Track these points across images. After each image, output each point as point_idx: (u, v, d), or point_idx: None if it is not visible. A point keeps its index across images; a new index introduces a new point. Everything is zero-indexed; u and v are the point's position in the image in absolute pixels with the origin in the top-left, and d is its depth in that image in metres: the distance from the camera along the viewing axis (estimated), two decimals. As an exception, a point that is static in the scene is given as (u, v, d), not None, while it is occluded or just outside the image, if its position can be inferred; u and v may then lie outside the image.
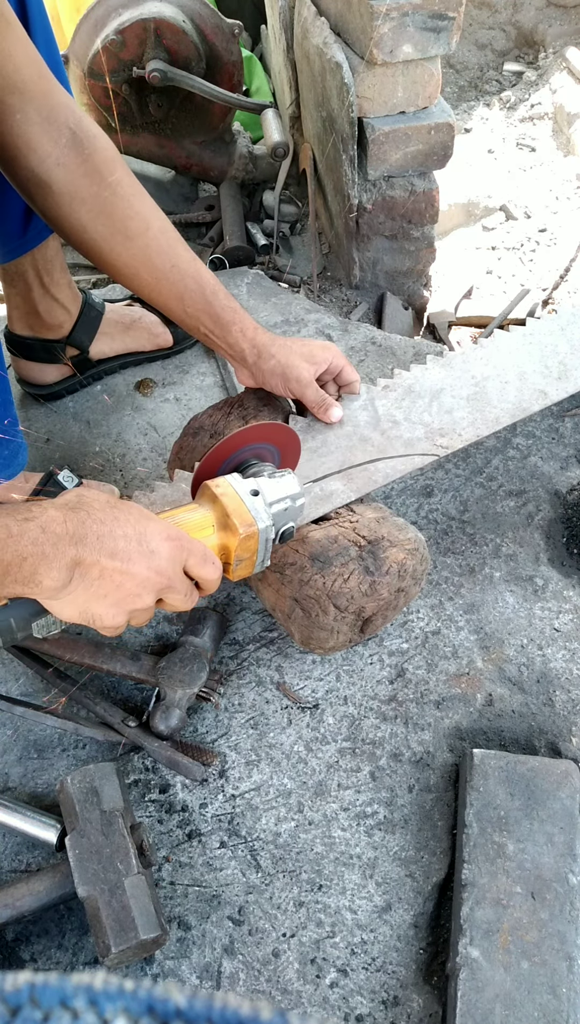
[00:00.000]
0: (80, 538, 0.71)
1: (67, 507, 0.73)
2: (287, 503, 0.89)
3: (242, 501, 0.85)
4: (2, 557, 0.68)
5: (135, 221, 1.02)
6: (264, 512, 0.86)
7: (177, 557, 0.77)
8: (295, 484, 0.90)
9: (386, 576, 0.99)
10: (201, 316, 1.06)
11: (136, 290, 1.08)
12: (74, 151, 0.99)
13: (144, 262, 1.03)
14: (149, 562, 0.75)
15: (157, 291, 1.06)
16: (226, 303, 1.06)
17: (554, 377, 1.23)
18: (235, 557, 0.86)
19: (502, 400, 1.20)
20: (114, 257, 1.04)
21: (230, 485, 0.86)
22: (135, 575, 0.74)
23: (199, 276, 1.05)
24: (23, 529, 0.69)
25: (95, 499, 0.75)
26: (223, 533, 0.85)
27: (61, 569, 0.70)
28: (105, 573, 0.73)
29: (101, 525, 0.73)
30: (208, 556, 0.81)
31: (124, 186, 1.02)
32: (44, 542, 0.69)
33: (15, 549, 0.68)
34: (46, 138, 0.97)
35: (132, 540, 0.74)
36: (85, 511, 0.73)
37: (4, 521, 0.69)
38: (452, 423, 1.16)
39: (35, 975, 0.23)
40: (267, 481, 0.88)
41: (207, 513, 0.86)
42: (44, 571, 0.70)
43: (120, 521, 0.74)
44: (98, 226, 1.01)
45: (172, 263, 1.04)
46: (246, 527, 0.84)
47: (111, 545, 0.73)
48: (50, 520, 0.71)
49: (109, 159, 1.01)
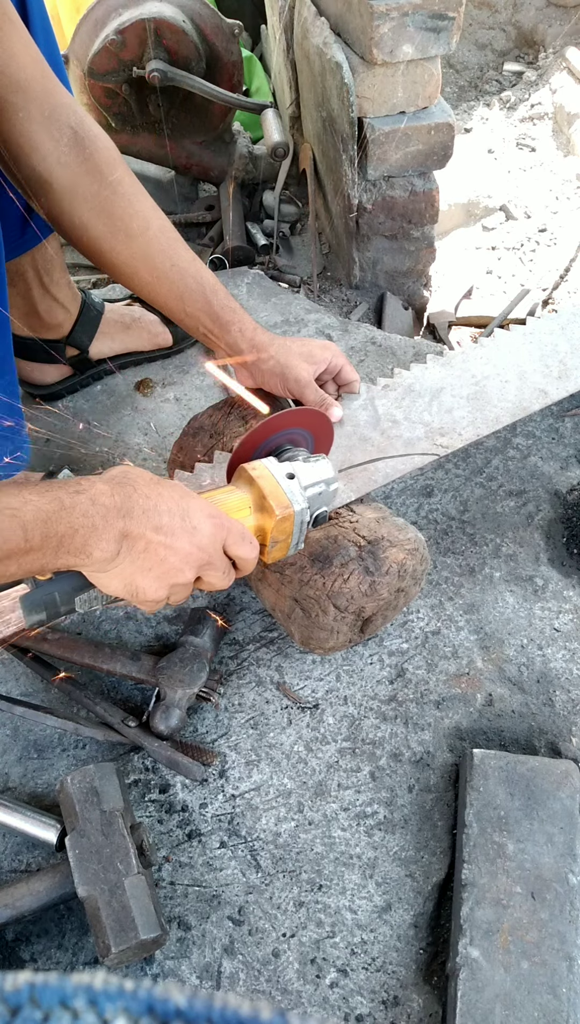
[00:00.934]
0: (127, 511, 0.74)
1: (114, 481, 0.75)
2: (322, 487, 0.90)
3: (278, 484, 0.87)
4: (56, 529, 0.70)
5: (135, 220, 1.02)
6: (300, 495, 0.87)
7: (217, 535, 0.79)
8: (330, 468, 0.92)
9: (386, 576, 0.99)
10: (200, 315, 1.06)
11: (136, 289, 1.08)
12: (75, 150, 0.99)
13: (144, 261, 1.03)
14: (191, 538, 0.77)
15: (157, 290, 1.06)
16: (226, 303, 1.07)
17: (554, 376, 1.23)
18: (271, 539, 0.88)
19: (502, 399, 1.20)
20: (114, 256, 1.04)
21: (266, 468, 0.88)
22: (178, 549, 0.76)
23: (199, 275, 1.05)
24: (75, 501, 0.71)
25: (140, 475, 0.78)
26: (260, 515, 0.87)
27: (110, 541, 0.73)
28: (150, 547, 0.75)
29: (147, 500, 0.75)
30: (246, 536, 0.83)
31: (125, 185, 1.02)
32: (94, 514, 0.71)
33: (68, 521, 0.70)
34: (48, 137, 0.98)
35: (176, 516, 0.76)
36: (131, 486, 0.75)
37: (56, 494, 0.71)
38: (452, 422, 1.16)
39: (35, 975, 0.23)
40: (302, 465, 0.90)
41: (244, 495, 0.88)
42: (94, 542, 0.72)
43: (164, 497, 0.77)
44: (99, 225, 1.02)
45: (172, 262, 1.04)
46: (282, 509, 0.86)
47: (156, 520, 0.75)
48: (99, 493, 0.73)
49: (110, 158, 1.02)
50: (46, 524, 0.69)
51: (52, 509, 0.70)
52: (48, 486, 0.72)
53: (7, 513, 0.68)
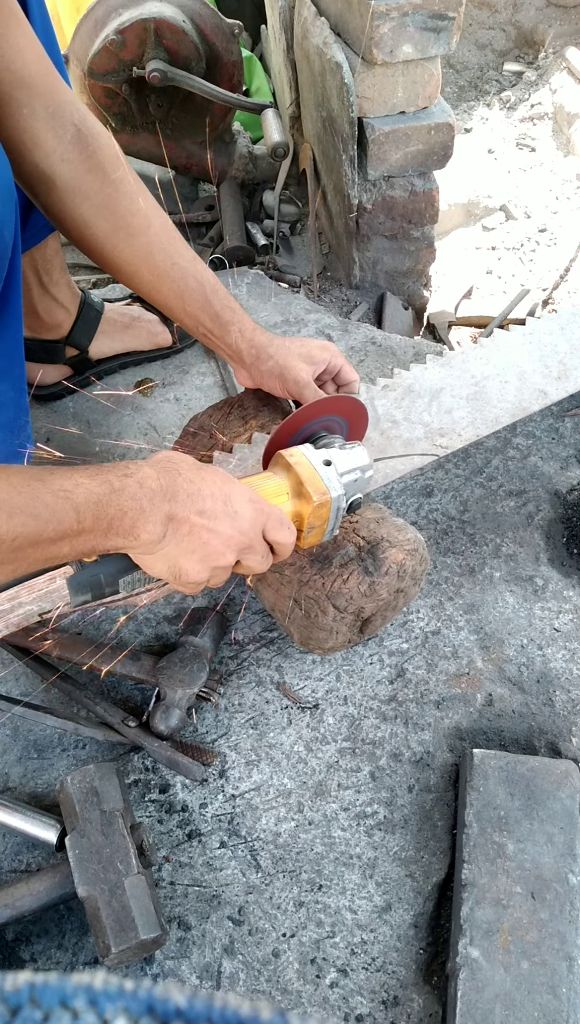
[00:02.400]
0: (173, 494, 0.76)
1: (159, 465, 0.77)
2: (357, 474, 0.92)
3: (316, 470, 0.88)
4: (106, 511, 0.72)
5: (137, 218, 1.02)
6: (337, 481, 0.89)
7: (258, 520, 0.81)
8: (365, 456, 0.93)
9: (385, 577, 0.99)
10: (200, 315, 1.06)
11: (137, 288, 1.08)
12: (78, 147, 0.99)
13: (145, 259, 1.04)
14: (233, 522, 0.79)
15: (157, 289, 1.06)
16: (225, 302, 1.07)
17: (554, 377, 1.23)
18: (307, 525, 0.89)
19: (502, 400, 1.20)
20: (116, 254, 1.04)
21: (304, 455, 0.90)
22: (221, 533, 0.78)
23: (199, 275, 1.05)
24: (124, 484, 0.73)
25: (183, 460, 0.80)
26: (297, 501, 0.88)
27: (157, 523, 0.74)
28: (194, 530, 0.77)
29: (190, 484, 0.77)
30: (285, 521, 0.85)
31: (127, 183, 1.02)
32: (142, 497, 0.73)
33: (118, 503, 0.72)
34: (51, 134, 0.98)
35: (218, 500, 0.78)
36: (176, 470, 0.78)
37: (106, 477, 0.73)
38: (452, 423, 1.16)
39: (35, 975, 0.23)
40: (338, 452, 0.92)
41: (282, 481, 0.89)
42: (142, 524, 0.74)
43: (207, 482, 0.79)
44: (100, 222, 1.02)
45: (173, 261, 1.04)
46: (320, 495, 0.87)
47: (200, 504, 0.77)
48: (146, 476, 0.75)
49: (112, 156, 1.02)
50: (97, 506, 0.71)
51: (103, 492, 0.72)
52: (98, 469, 0.74)
53: (61, 495, 0.70)
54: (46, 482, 0.70)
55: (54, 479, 0.70)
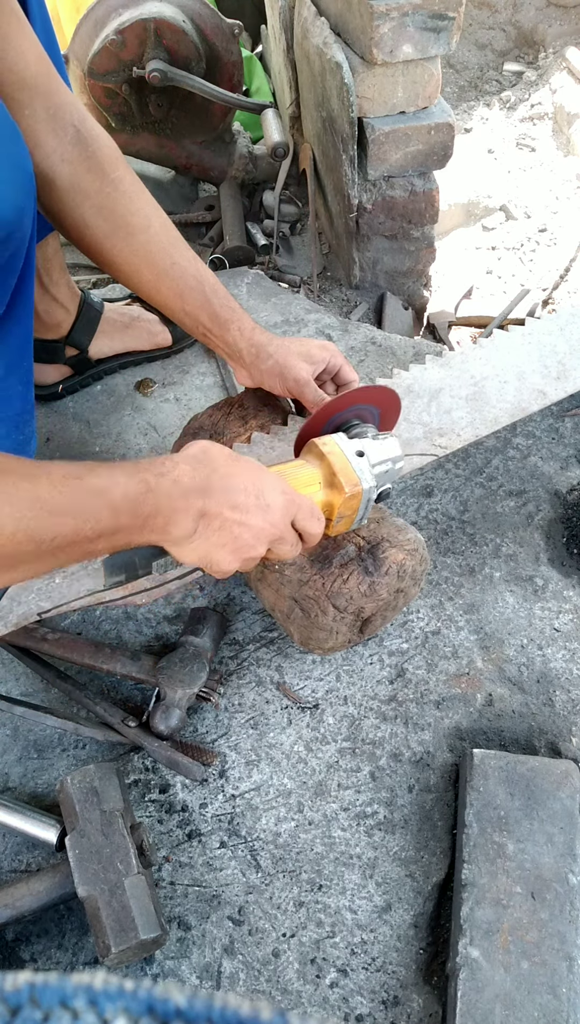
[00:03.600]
0: (206, 491, 0.77)
1: (195, 460, 0.79)
2: (388, 465, 0.93)
3: (348, 461, 0.89)
4: (142, 510, 0.73)
5: (137, 218, 1.03)
6: (369, 473, 0.90)
7: (289, 511, 0.83)
8: (397, 447, 0.94)
9: (385, 577, 0.99)
10: (200, 314, 1.06)
11: (136, 288, 1.08)
12: (78, 148, 1.00)
13: (145, 259, 1.04)
14: (265, 515, 0.80)
15: (157, 289, 1.06)
16: (225, 302, 1.07)
17: (553, 377, 1.23)
18: (337, 514, 0.90)
19: (501, 400, 1.20)
20: (115, 254, 1.04)
21: (337, 444, 0.91)
22: (252, 526, 0.80)
23: (199, 274, 1.05)
24: (159, 483, 0.74)
25: (218, 453, 0.81)
26: (329, 491, 0.90)
27: (189, 520, 0.76)
28: (226, 524, 0.78)
29: (224, 479, 0.78)
30: (314, 512, 0.86)
31: (126, 183, 1.03)
32: (176, 495, 0.75)
33: (153, 502, 0.74)
34: (51, 135, 0.99)
35: (250, 494, 0.79)
36: (210, 465, 0.79)
37: (144, 476, 0.74)
38: (451, 423, 1.16)
39: (35, 975, 0.23)
40: (371, 443, 0.93)
41: (314, 471, 0.90)
42: (175, 522, 0.76)
43: (240, 475, 0.80)
44: (100, 222, 1.02)
45: (172, 260, 1.04)
46: (352, 487, 0.88)
47: (233, 498, 0.78)
48: (181, 474, 0.76)
49: (112, 156, 1.02)
50: (134, 504, 0.72)
51: (140, 491, 0.73)
52: (135, 467, 0.75)
53: (100, 494, 0.71)
54: (84, 480, 0.71)
55: (92, 478, 0.72)
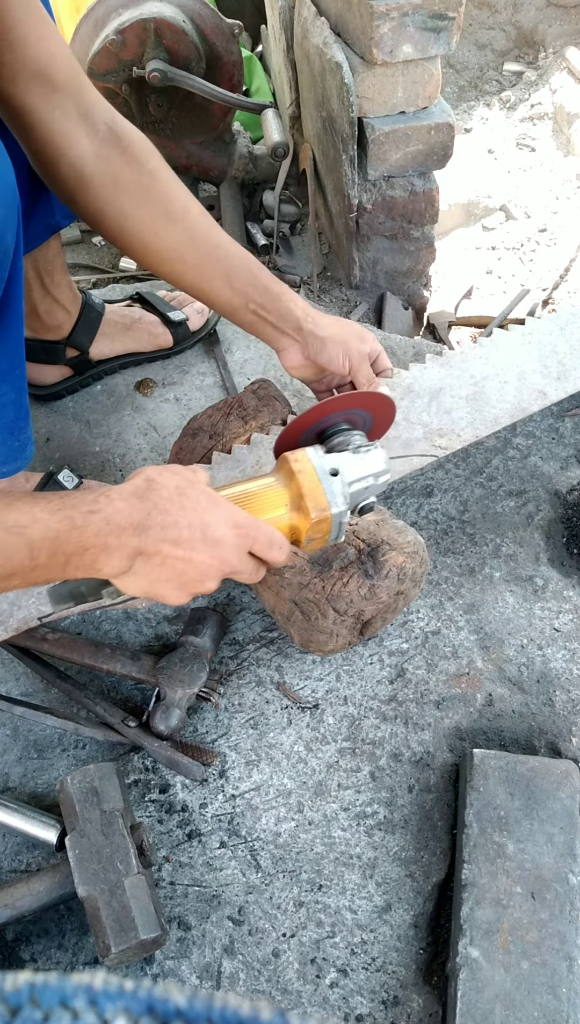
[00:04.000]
0: (144, 528, 0.73)
1: (135, 496, 0.75)
2: (370, 480, 0.86)
3: (319, 482, 0.83)
4: (64, 548, 0.70)
5: (176, 204, 1.03)
6: (340, 495, 0.83)
7: (241, 544, 0.79)
8: (381, 460, 0.87)
9: (385, 580, 0.99)
10: (249, 290, 1.04)
11: (179, 275, 1.07)
12: (113, 144, 1.00)
13: (188, 243, 1.04)
14: (212, 551, 0.76)
15: (201, 272, 1.05)
16: (271, 277, 1.06)
17: (553, 377, 1.23)
18: (306, 537, 0.85)
19: (501, 400, 1.20)
20: (158, 241, 1.04)
21: (310, 461, 0.84)
22: (197, 564, 0.76)
23: (242, 253, 1.05)
24: (87, 521, 0.71)
25: (164, 485, 0.76)
26: (296, 514, 0.84)
27: (121, 559, 0.73)
28: (167, 561, 0.75)
29: (166, 515, 0.74)
30: (274, 541, 0.81)
31: (163, 173, 1.03)
32: (107, 534, 0.71)
33: (78, 540, 0.70)
34: (85, 134, 0.99)
35: (196, 529, 0.75)
36: (152, 500, 0.75)
37: (68, 513, 0.70)
38: (451, 423, 1.16)
39: (35, 975, 0.23)
40: (350, 458, 0.86)
41: (281, 491, 0.84)
42: (104, 560, 0.72)
43: (186, 510, 0.76)
44: (141, 212, 1.02)
45: (216, 242, 1.04)
46: (319, 512, 0.82)
47: (174, 535, 0.74)
48: (115, 512, 0.72)
49: (146, 149, 1.03)
50: (55, 543, 0.69)
51: (62, 528, 0.69)
52: (61, 502, 0.71)
53: (14, 531, 0.68)
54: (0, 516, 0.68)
55: (9, 513, 0.68)
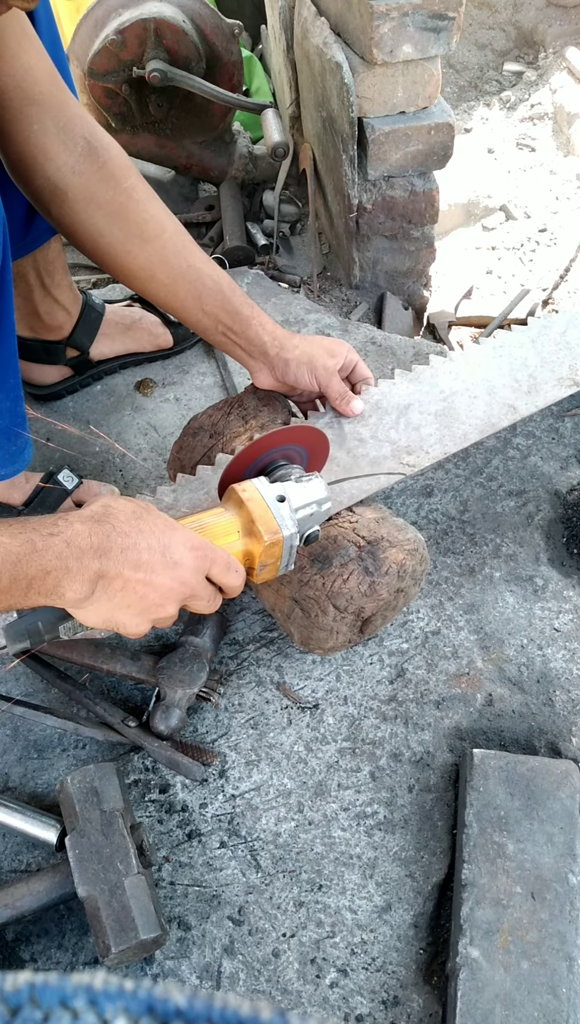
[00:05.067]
0: (104, 551, 0.73)
1: (93, 520, 0.74)
2: (313, 508, 0.90)
3: (268, 507, 0.85)
4: (26, 571, 0.69)
5: (151, 224, 1.03)
6: (289, 519, 0.86)
7: (200, 567, 0.79)
8: (322, 489, 0.91)
9: (385, 576, 0.99)
10: (219, 313, 1.06)
11: (152, 293, 1.08)
12: (90, 159, 1.01)
13: (161, 263, 1.04)
14: (172, 573, 0.76)
15: (173, 292, 1.06)
16: (243, 299, 1.07)
17: (523, 391, 1.20)
18: (259, 563, 0.87)
19: (471, 416, 1.17)
20: (130, 260, 1.04)
21: (257, 490, 0.87)
22: (158, 586, 0.76)
23: (215, 274, 1.06)
24: (48, 544, 0.70)
25: (120, 510, 0.76)
26: (248, 539, 0.86)
27: (84, 582, 0.72)
28: (128, 585, 0.75)
29: (125, 538, 0.74)
30: (231, 564, 0.82)
31: (139, 191, 1.04)
32: (68, 556, 0.71)
33: (39, 563, 0.70)
34: (62, 148, 0.99)
35: (156, 552, 0.75)
36: (111, 524, 0.75)
37: (29, 536, 0.70)
38: (419, 440, 1.13)
39: (35, 975, 0.23)
40: (294, 486, 0.89)
41: (233, 518, 0.87)
42: (67, 584, 0.72)
43: (144, 533, 0.76)
44: (115, 230, 1.03)
45: (188, 263, 1.05)
46: (271, 535, 0.85)
47: (135, 557, 0.74)
48: (75, 535, 0.72)
49: (123, 166, 1.03)
50: (16, 567, 0.69)
51: (23, 552, 0.69)
52: (22, 526, 0.71)
53: None
54: None
55: None
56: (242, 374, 1.54)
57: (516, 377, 1.23)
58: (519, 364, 1.25)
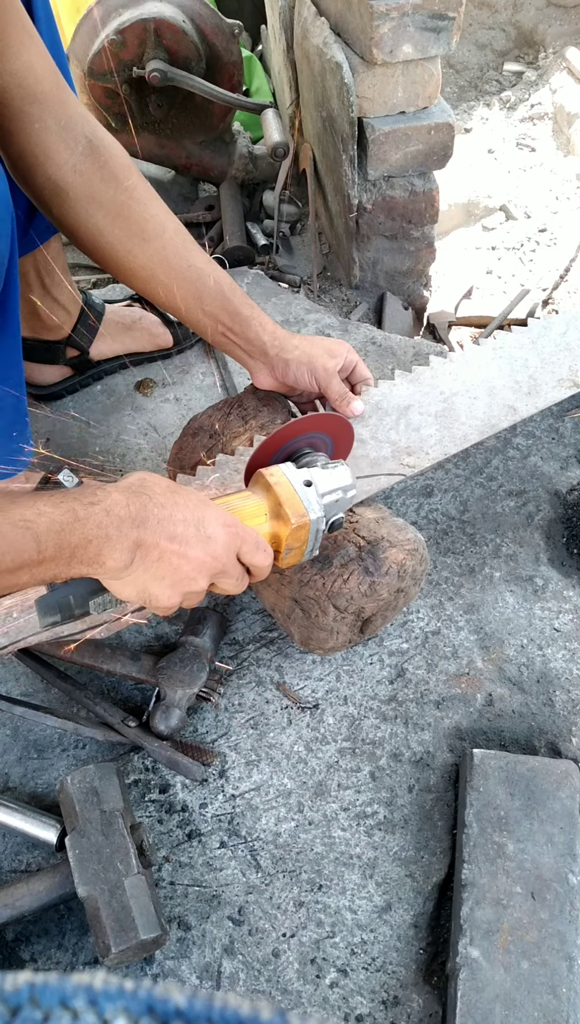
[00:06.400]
0: (141, 521, 0.74)
1: (130, 491, 0.76)
2: (339, 494, 0.90)
3: (295, 491, 0.87)
4: (69, 540, 0.71)
5: (151, 223, 1.03)
6: (316, 503, 0.87)
7: (232, 544, 0.80)
8: (348, 475, 0.92)
9: (386, 576, 0.99)
10: (220, 313, 1.06)
11: (152, 292, 1.08)
12: (91, 158, 1.01)
13: (161, 263, 1.04)
14: (205, 547, 0.77)
15: (173, 291, 1.06)
16: (244, 300, 1.07)
17: (524, 392, 1.20)
18: (285, 546, 0.88)
19: (471, 417, 1.17)
20: (131, 259, 1.04)
21: (284, 474, 0.88)
22: (192, 559, 0.77)
23: (216, 275, 1.06)
24: (89, 513, 0.72)
25: (156, 483, 0.78)
26: (275, 522, 0.87)
27: (124, 551, 0.73)
28: (164, 556, 0.76)
29: (162, 509, 0.76)
30: (260, 544, 0.83)
31: (140, 190, 1.04)
32: (108, 525, 0.72)
33: (81, 532, 0.71)
34: (63, 146, 0.99)
35: (190, 525, 0.77)
36: (147, 495, 0.76)
37: (71, 505, 0.71)
38: (419, 441, 1.14)
39: (35, 975, 0.23)
40: (320, 472, 0.90)
41: (260, 501, 0.88)
42: (108, 552, 0.73)
43: (179, 506, 0.77)
44: (115, 229, 1.03)
45: (189, 263, 1.05)
46: (298, 517, 0.86)
47: (170, 529, 0.76)
48: (114, 503, 0.73)
49: (124, 165, 1.03)
50: (60, 535, 0.70)
51: (66, 520, 0.70)
52: (63, 496, 0.72)
53: (20, 525, 0.69)
54: (6, 512, 0.69)
55: (15, 508, 0.69)
56: (242, 374, 1.54)
57: (516, 378, 1.23)
58: (519, 365, 1.25)
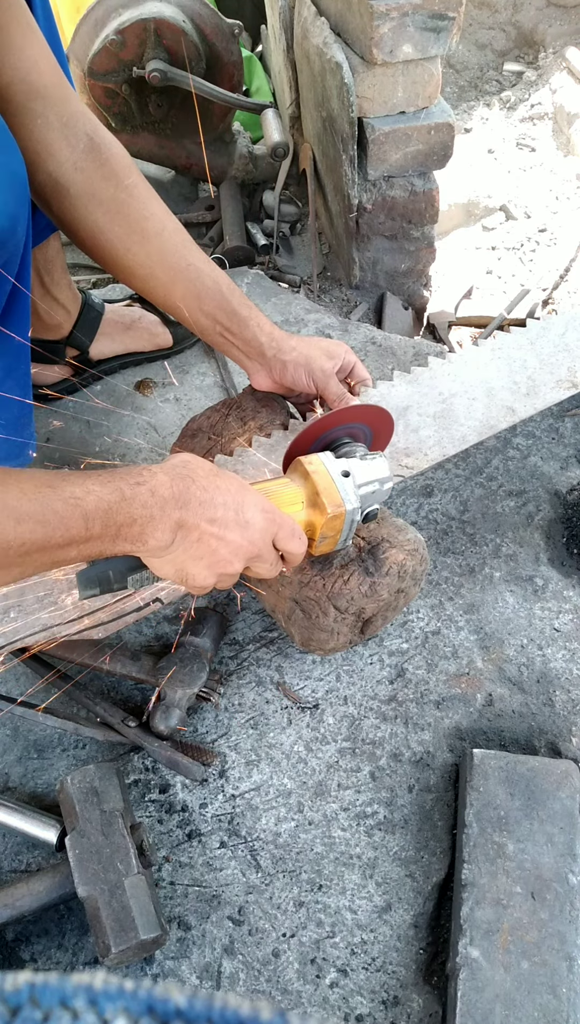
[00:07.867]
0: (184, 502, 0.76)
1: (174, 472, 0.78)
2: (375, 486, 0.91)
3: (333, 481, 0.88)
4: (116, 518, 0.73)
5: (151, 222, 1.04)
6: (353, 494, 0.88)
7: (269, 529, 0.82)
8: (385, 468, 0.93)
9: (386, 577, 0.99)
10: (217, 313, 1.06)
11: (150, 291, 1.08)
12: (91, 156, 1.01)
13: (160, 261, 1.04)
14: (243, 532, 0.79)
15: (172, 290, 1.06)
16: (242, 300, 1.08)
17: (522, 393, 1.20)
18: (320, 534, 0.89)
19: (469, 417, 1.17)
20: (130, 257, 1.05)
21: (322, 464, 0.89)
22: (229, 542, 0.79)
23: (215, 274, 1.06)
24: (135, 493, 0.74)
25: (199, 466, 0.80)
26: (311, 510, 0.88)
27: (166, 530, 0.75)
28: (203, 537, 0.78)
29: (204, 492, 0.78)
30: (296, 531, 0.85)
31: (140, 189, 1.04)
32: (153, 505, 0.74)
33: (127, 511, 0.73)
34: (65, 143, 1.00)
35: (230, 509, 0.79)
36: (191, 478, 0.78)
37: (117, 485, 0.73)
38: (418, 442, 1.14)
39: (35, 975, 0.23)
40: (358, 463, 0.91)
41: (298, 489, 0.89)
42: (151, 531, 0.75)
43: (221, 490, 0.79)
44: (115, 227, 1.03)
45: (188, 262, 1.05)
46: (335, 507, 0.87)
47: (211, 512, 0.78)
48: (159, 484, 0.75)
49: (125, 164, 1.03)
50: (107, 514, 0.72)
51: (114, 499, 0.72)
52: (110, 476, 0.74)
53: (71, 503, 0.70)
54: (57, 488, 0.70)
55: (65, 486, 0.71)
56: (242, 374, 1.54)
57: (515, 379, 1.22)
58: (518, 366, 1.24)
